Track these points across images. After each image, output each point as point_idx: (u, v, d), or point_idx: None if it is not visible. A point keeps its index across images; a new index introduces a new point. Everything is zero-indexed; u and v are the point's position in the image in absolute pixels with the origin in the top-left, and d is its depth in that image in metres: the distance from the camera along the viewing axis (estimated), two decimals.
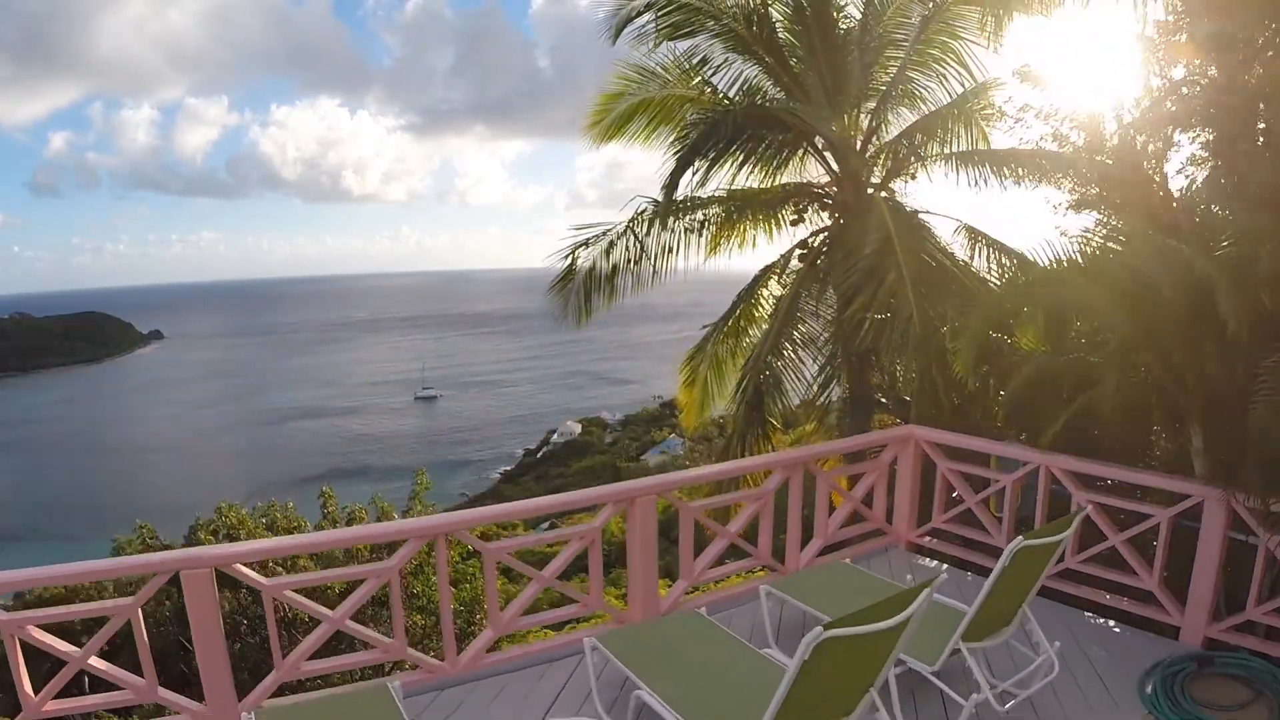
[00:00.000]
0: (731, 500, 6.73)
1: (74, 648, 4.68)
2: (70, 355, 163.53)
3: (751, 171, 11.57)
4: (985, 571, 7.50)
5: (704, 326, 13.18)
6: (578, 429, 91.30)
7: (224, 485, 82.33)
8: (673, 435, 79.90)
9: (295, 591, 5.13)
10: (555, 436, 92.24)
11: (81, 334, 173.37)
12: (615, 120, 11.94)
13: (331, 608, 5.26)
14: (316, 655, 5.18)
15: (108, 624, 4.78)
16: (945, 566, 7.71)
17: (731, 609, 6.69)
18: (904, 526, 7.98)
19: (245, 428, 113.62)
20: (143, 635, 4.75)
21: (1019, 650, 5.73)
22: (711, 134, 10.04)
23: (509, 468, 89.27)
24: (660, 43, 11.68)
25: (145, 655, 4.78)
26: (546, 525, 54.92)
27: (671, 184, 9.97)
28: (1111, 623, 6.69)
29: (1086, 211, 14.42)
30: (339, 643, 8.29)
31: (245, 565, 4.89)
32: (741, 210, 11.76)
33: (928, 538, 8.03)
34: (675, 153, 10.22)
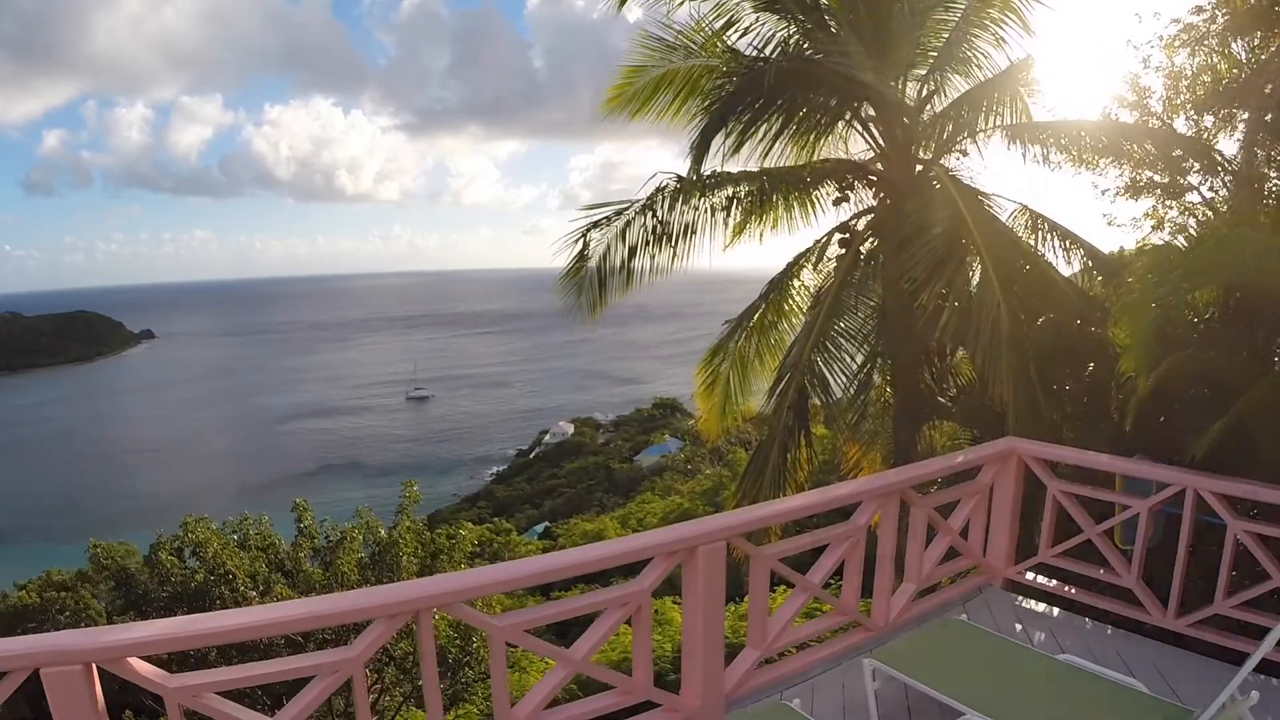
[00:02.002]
0: (817, 541, 5.14)
1: None
2: (61, 355, 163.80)
3: (787, 143, 10.19)
4: (1108, 618, 6.12)
5: (725, 322, 11.77)
6: (570, 429, 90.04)
7: (213, 486, 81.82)
8: (669, 437, 78.88)
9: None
10: (547, 437, 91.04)
11: (72, 333, 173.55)
12: (637, 94, 10.47)
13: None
14: None
15: None
16: (1057, 612, 6.27)
17: (814, 678, 5.20)
18: (1001, 560, 6.50)
19: (235, 428, 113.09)
20: None
21: None
22: (748, 90, 8.58)
23: (501, 468, 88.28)
24: (681, 2, 10.27)
25: None
26: (542, 530, 53.66)
27: (702, 144, 8.49)
28: (1276, 681, 5.23)
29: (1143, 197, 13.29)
30: None
31: (142, 659, 3.34)
32: (774, 188, 10.27)
33: (1030, 573, 6.58)
34: (706, 105, 8.79)
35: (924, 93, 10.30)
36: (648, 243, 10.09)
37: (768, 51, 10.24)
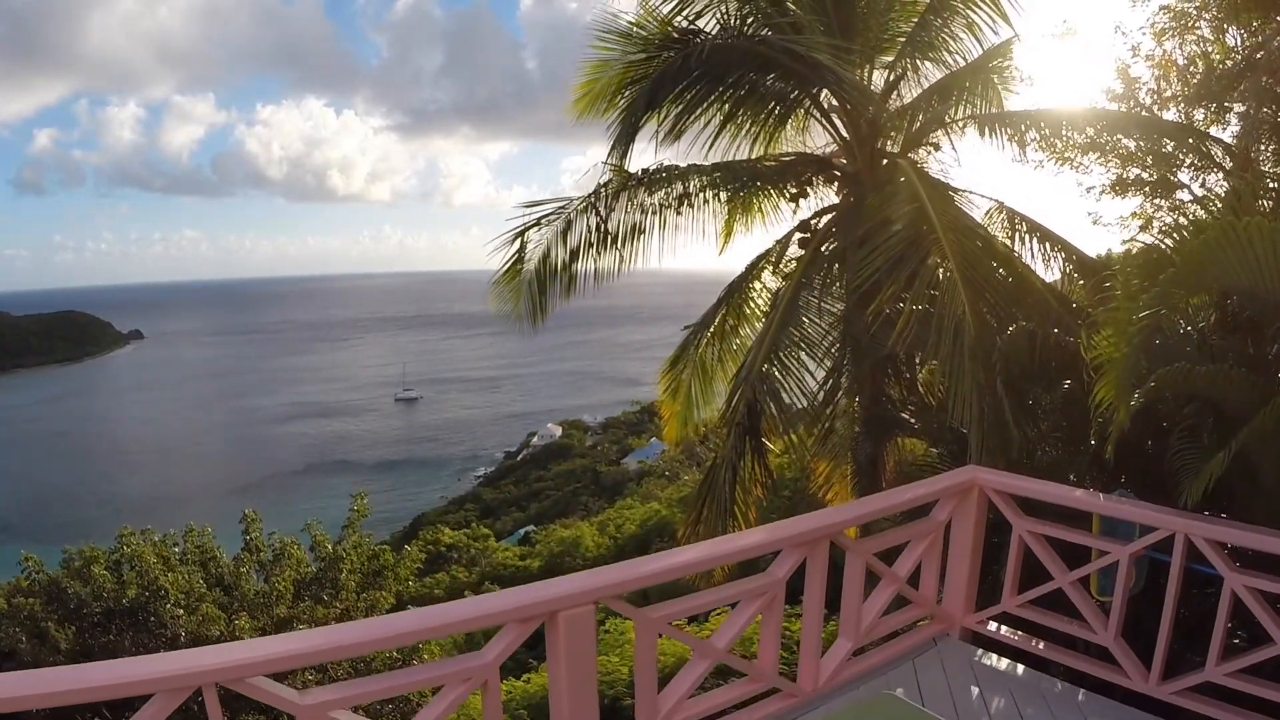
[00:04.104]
0: (721, 600, 4.25)
1: None
2: (49, 355, 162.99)
3: (741, 134, 9.39)
4: (1080, 679, 5.25)
5: (685, 328, 11.01)
6: (558, 432, 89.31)
7: (200, 487, 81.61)
8: (654, 440, 78.40)
9: None
10: (535, 440, 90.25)
11: (60, 333, 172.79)
12: (603, 91, 9.70)
13: None
14: None
15: None
16: (1022, 669, 5.40)
17: None
18: (959, 608, 5.64)
19: (224, 429, 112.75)
20: None
21: None
22: (681, 67, 7.72)
23: (489, 469, 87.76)
24: None
25: None
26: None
27: (626, 126, 7.64)
28: None
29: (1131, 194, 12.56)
30: None
31: None
32: (729, 183, 9.45)
33: (992, 623, 5.72)
34: (631, 81, 7.97)
35: (891, 80, 9.53)
36: (591, 244, 9.30)
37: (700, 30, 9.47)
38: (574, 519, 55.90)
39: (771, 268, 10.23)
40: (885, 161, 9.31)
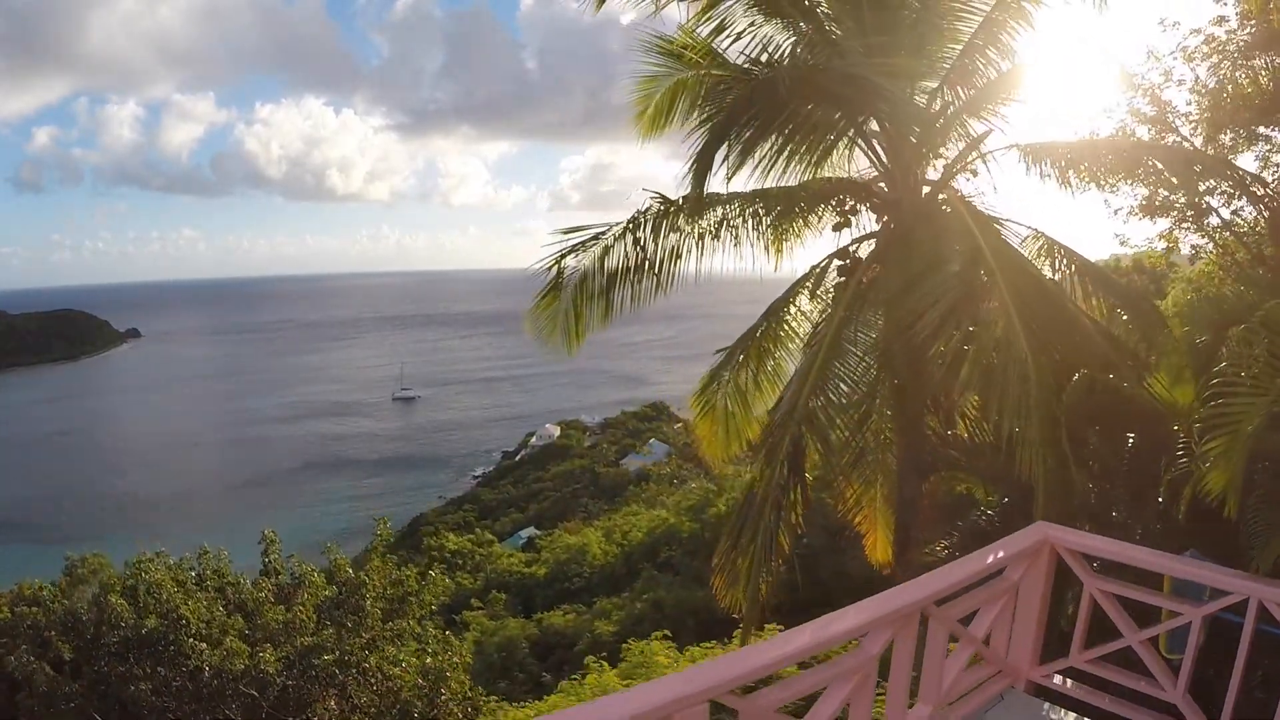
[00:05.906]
0: (820, 683, 4.16)
1: None
2: (45, 353, 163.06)
3: (788, 163, 9.33)
4: None
5: (717, 351, 10.90)
6: (556, 432, 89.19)
7: (198, 487, 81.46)
8: (654, 441, 78.45)
9: None
10: (534, 440, 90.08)
11: (57, 332, 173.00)
12: (659, 110, 9.70)
13: None
14: None
15: None
16: None
17: None
18: (1025, 661, 5.60)
19: (221, 427, 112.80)
20: None
21: None
22: (758, 99, 7.60)
23: (488, 469, 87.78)
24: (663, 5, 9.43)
25: None
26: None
27: (702, 162, 7.47)
28: None
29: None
30: None
31: None
32: (769, 210, 9.41)
33: (1058, 677, 5.69)
34: (704, 119, 7.88)
35: (936, 106, 9.45)
36: (629, 270, 9.26)
37: (764, 59, 9.36)
38: (575, 521, 55.82)
39: (809, 293, 10.14)
40: (927, 190, 9.26)
